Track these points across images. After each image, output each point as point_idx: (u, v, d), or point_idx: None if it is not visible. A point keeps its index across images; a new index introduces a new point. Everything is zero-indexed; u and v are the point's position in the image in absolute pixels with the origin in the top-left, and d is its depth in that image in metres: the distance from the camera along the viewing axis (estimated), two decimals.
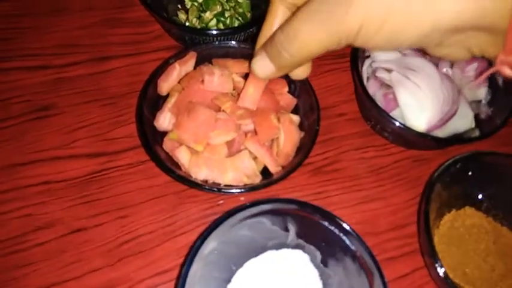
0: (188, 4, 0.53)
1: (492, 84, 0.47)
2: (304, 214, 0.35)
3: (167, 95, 0.43)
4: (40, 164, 0.43)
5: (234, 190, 0.38)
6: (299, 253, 0.37)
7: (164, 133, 0.41)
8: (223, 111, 0.40)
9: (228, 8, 0.52)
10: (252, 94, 0.38)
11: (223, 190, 0.38)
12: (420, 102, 0.42)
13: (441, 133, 0.43)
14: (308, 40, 0.25)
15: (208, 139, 0.39)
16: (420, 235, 0.42)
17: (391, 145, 0.48)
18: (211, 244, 0.33)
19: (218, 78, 0.41)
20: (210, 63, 0.44)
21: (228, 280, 0.36)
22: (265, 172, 0.41)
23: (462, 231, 0.43)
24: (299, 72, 0.31)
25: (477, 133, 0.44)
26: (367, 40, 0.24)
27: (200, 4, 0.52)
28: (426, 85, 0.42)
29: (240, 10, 0.53)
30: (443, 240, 0.42)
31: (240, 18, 0.51)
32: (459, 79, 0.46)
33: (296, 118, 0.43)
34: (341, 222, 0.34)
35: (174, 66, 0.42)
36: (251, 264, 0.36)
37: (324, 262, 0.36)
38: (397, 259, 0.42)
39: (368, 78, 0.47)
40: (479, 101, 0.47)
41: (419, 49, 0.46)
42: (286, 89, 0.44)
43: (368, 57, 0.48)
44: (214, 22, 0.50)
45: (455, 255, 0.41)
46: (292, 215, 0.35)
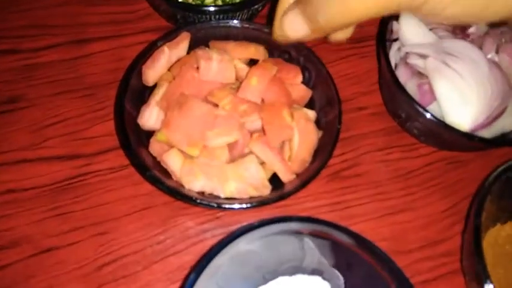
0: None
1: None
2: (322, 234, 0.32)
3: (154, 86, 0.41)
4: (4, 169, 0.41)
5: (237, 205, 0.35)
6: (317, 280, 0.35)
7: (151, 133, 0.39)
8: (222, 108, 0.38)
9: None
10: (257, 85, 0.37)
11: (223, 205, 0.35)
12: (463, 94, 0.39)
13: (487, 133, 0.40)
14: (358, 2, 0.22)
15: (204, 141, 0.37)
16: (465, 256, 0.39)
17: (420, 145, 0.46)
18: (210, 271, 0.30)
19: (217, 64, 0.38)
20: (207, 46, 0.43)
21: None
22: (274, 179, 0.38)
23: (508, 249, 0.39)
24: (340, 34, 0.29)
25: None
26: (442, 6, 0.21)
27: None
28: (470, 74, 0.39)
29: None
30: (486, 259, 0.38)
31: None
32: (506, 67, 0.42)
33: (312, 114, 0.41)
34: (369, 243, 0.31)
35: (163, 49, 0.40)
36: None
37: None
38: (431, 283, 0.40)
39: (396, 65, 0.44)
40: None
41: (461, 29, 0.43)
42: (300, 78, 0.42)
43: (396, 40, 0.44)
44: None
45: (502, 278, 0.38)
46: (308, 235, 0.33)
